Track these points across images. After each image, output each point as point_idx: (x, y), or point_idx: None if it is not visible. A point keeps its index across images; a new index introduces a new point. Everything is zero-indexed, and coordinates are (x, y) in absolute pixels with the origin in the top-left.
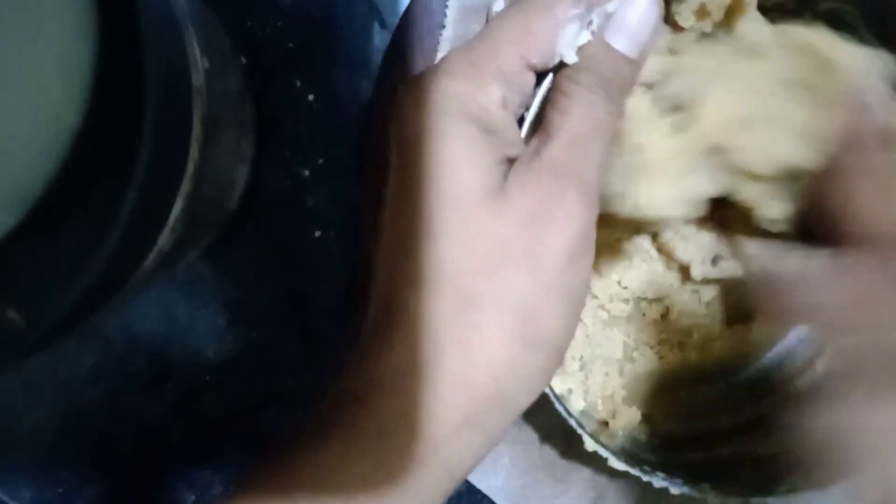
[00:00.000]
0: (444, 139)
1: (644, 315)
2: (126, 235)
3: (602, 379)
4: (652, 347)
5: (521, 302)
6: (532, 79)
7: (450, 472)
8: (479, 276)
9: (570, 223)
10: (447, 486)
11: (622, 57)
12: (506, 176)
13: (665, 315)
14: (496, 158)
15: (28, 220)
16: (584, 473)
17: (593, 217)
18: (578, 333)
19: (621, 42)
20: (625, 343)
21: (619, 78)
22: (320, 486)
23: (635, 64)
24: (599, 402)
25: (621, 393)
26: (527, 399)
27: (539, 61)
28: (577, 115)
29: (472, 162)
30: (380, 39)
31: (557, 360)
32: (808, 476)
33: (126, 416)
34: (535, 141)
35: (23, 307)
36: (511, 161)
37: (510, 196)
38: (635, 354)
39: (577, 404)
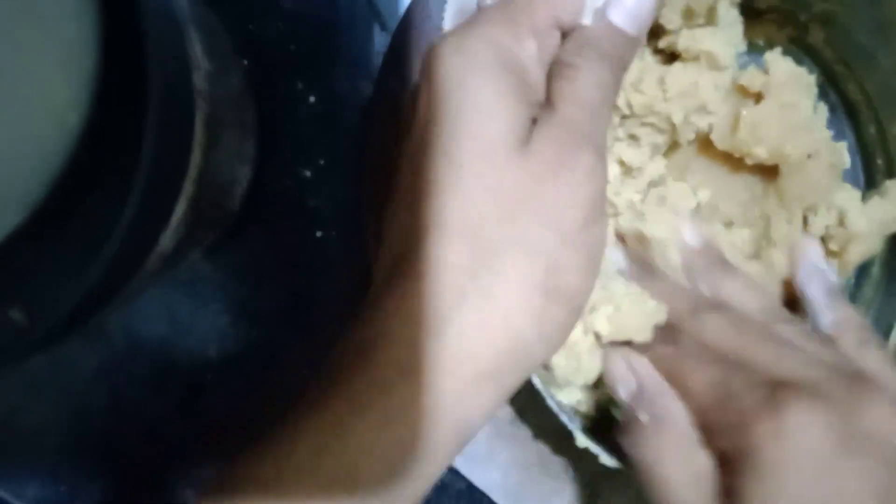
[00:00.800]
0: (483, 84)
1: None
2: (128, 236)
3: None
4: None
5: (543, 252)
6: (558, 40)
7: (459, 429)
8: (502, 223)
9: (590, 179)
10: (456, 444)
11: (621, 33)
12: (531, 132)
13: None
14: (528, 112)
15: (32, 221)
16: (579, 471)
17: (606, 182)
18: (585, 347)
19: (621, 18)
20: None
21: (619, 53)
22: (322, 450)
23: (634, 40)
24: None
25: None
26: (544, 354)
27: (568, 19)
28: (586, 84)
29: (506, 109)
30: (380, 41)
31: (575, 317)
32: None
33: (128, 415)
34: (550, 103)
35: (26, 307)
36: (535, 121)
37: (534, 147)
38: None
39: (588, 413)
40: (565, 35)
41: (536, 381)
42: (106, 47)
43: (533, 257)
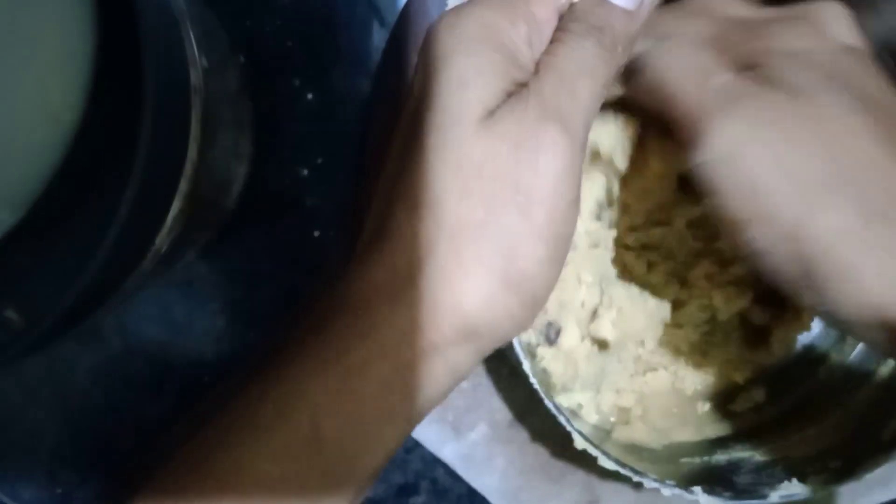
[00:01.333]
0: (466, 59)
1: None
2: (124, 235)
3: (614, 396)
4: (667, 368)
5: (505, 236)
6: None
7: (411, 396)
8: (463, 200)
9: (556, 158)
10: (411, 413)
11: (616, 8)
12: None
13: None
14: (508, 88)
15: (27, 220)
16: (578, 475)
17: (578, 162)
18: (582, 353)
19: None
20: (636, 363)
21: (612, 28)
22: (284, 410)
23: (632, 15)
24: (613, 416)
25: (637, 410)
26: (493, 343)
27: (565, 2)
28: (564, 56)
29: (481, 83)
30: (379, 38)
31: (532, 310)
32: (804, 482)
33: (125, 416)
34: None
35: (22, 307)
36: None
37: (497, 121)
38: (649, 376)
39: (589, 417)
40: None
41: (535, 384)
42: (102, 44)
43: (494, 240)
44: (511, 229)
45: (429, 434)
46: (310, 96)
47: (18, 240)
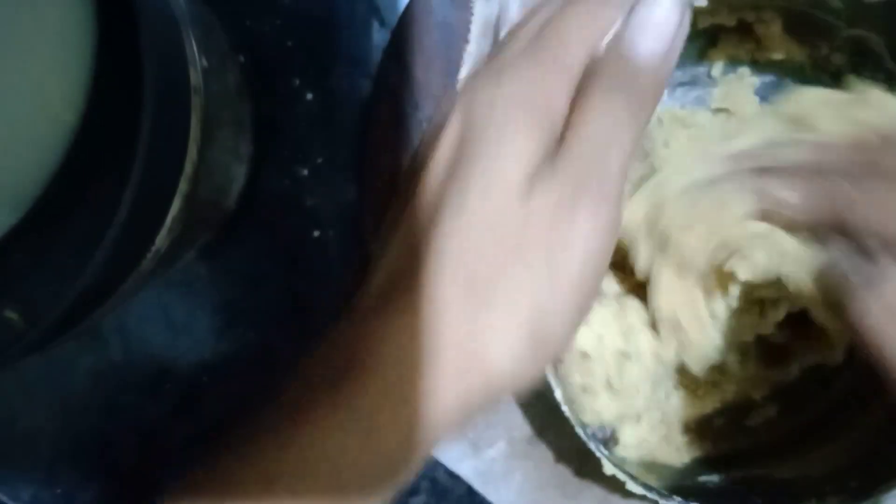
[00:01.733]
0: (509, 120)
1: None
2: (124, 235)
3: (651, 424)
4: (687, 387)
5: (536, 300)
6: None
7: (427, 446)
8: (498, 266)
9: (587, 239)
10: (424, 458)
11: (644, 59)
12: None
13: None
14: (547, 150)
15: (27, 220)
16: (595, 491)
17: (610, 236)
18: (645, 433)
19: (645, 44)
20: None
21: (640, 80)
22: (309, 459)
23: (659, 67)
24: (654, 443)
25: (661, 429)
26: (511, 391)
27: (598, 51)
28: (595, 119)
29: (525, 149)
30: (379, 38)
31: (550, 360)
32: (823, 502)
33: (124, 417)
34: (563, 139)
35: (21, 307)
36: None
37: (538, 192)
38: (673, 397)
39: (629, 453)
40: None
41: (566, 409)
42: (102, 44)
43: (524, 304)
44: (542, 296)
45: (447, 451)
46: (310, 96)
47: (19, 239)
